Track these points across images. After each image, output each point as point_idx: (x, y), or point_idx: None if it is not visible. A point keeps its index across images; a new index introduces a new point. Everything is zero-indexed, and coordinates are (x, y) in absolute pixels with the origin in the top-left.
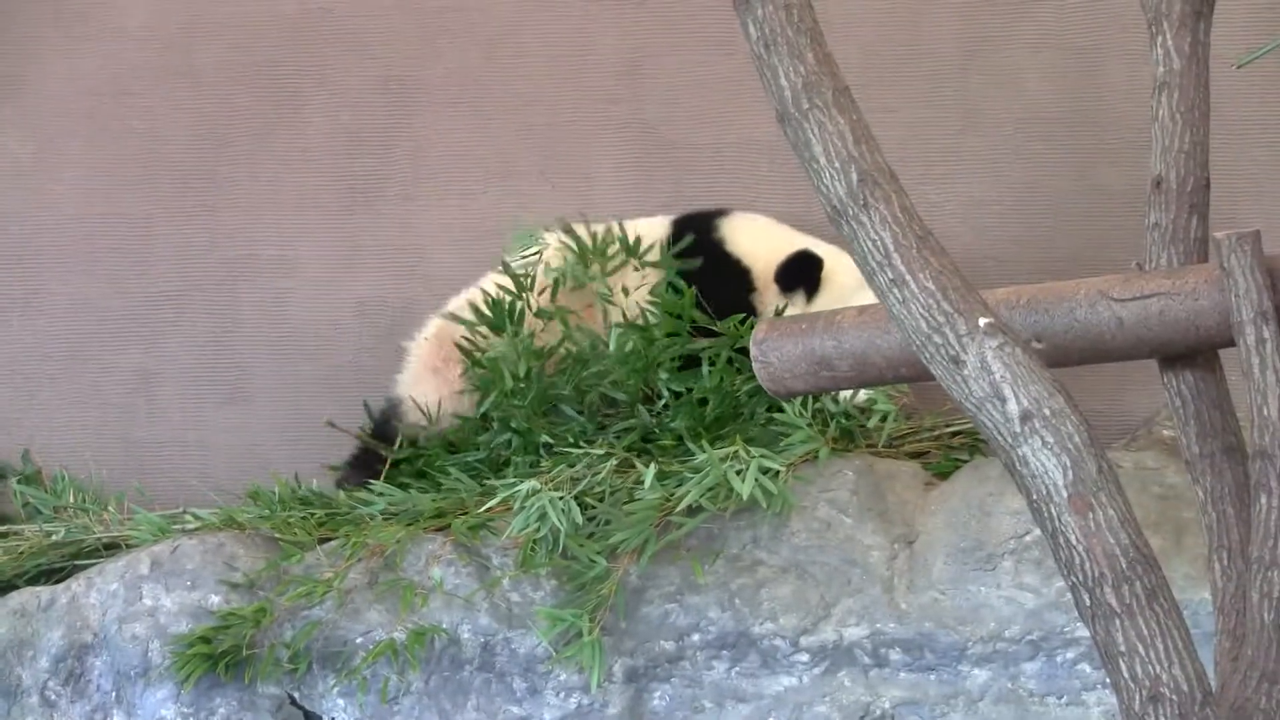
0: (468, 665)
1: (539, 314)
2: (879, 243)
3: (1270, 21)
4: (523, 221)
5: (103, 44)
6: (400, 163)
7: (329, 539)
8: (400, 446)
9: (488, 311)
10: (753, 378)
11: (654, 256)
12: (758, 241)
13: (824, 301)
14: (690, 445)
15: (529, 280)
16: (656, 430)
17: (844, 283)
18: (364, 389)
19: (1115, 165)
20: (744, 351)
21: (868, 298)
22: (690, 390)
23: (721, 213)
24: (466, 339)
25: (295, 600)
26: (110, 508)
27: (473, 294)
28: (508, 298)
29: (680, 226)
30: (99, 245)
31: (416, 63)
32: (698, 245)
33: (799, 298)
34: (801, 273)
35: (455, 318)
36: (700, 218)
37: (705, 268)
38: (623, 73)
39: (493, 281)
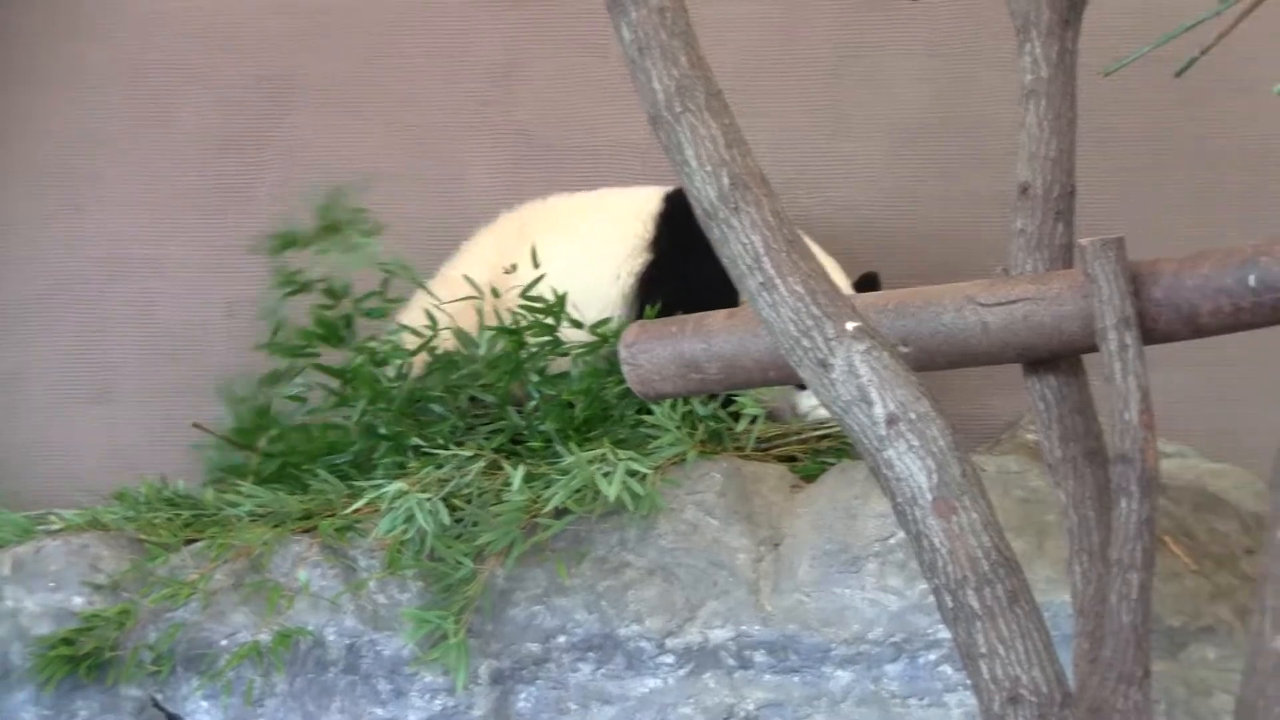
0: (333, 667)
1: (370, 314)
2: (749, 246)
3: (1137, 30)
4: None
5: None
6: (272, 162)
7: (195, 540)
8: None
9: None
10: (622, 380)
11: (643, 232)
12: None
13: None
14: (559, 448)
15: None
16: (525, 432)
17: None
18: None
19: (983, 171)
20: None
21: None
22: (559, 393)
23: None
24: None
25: (160, 602)
26: None
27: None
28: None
29: (675, 202)
30: None
31: (291, 62)
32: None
33: None
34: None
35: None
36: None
37: (704, 245)
38: (498, 75)
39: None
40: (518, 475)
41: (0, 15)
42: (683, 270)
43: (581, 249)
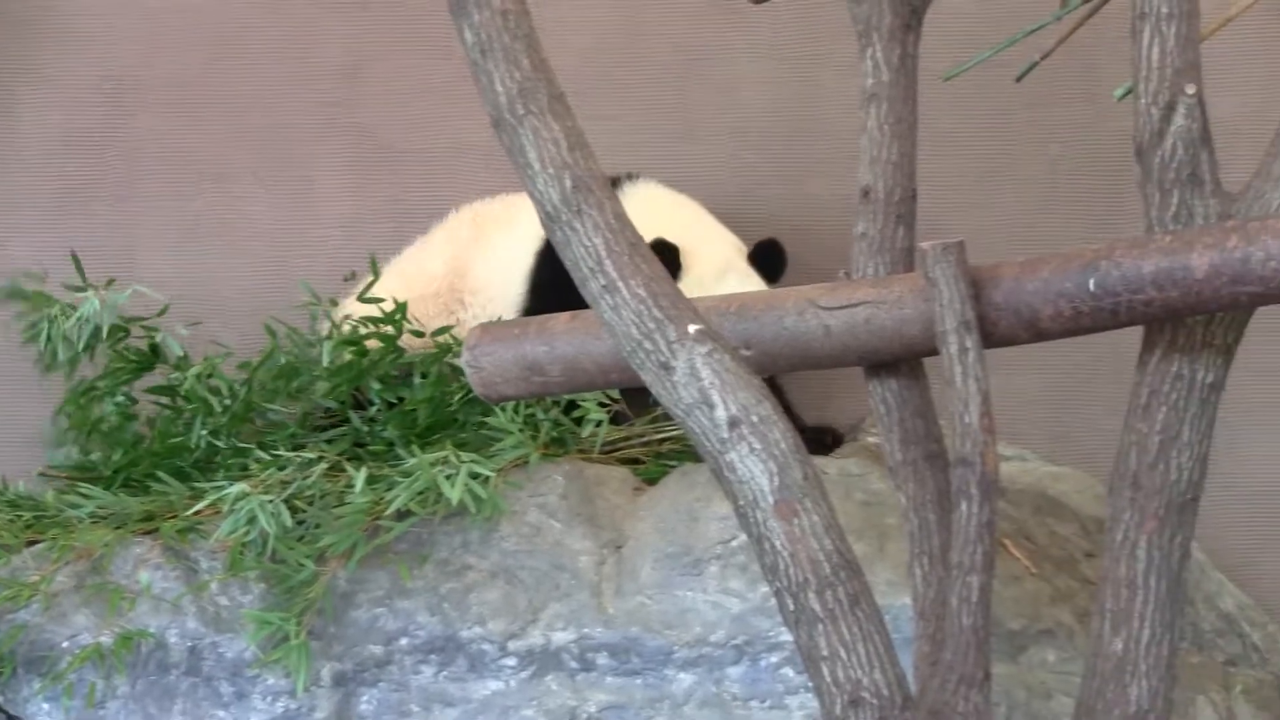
0: (175, 669)
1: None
2: (591, 249)
3: (978, 35)
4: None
5: None
6: (115, 163)
7: (36, 542)
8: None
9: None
10: (468, 386)
11: (534, 234)
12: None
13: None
14: (400, 451)
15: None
16: (368, 436)
17: (702, 272)
18: None
19: (826, 175)
20: None
21: (729, 287)
22: (402, 399)
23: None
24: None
25: (0, 603)
26: None
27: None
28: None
29: None
30: None
31: (134, 62)
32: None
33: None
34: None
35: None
36: None
37: None
38: (342, 76)
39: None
40: (360, 477)
41: None
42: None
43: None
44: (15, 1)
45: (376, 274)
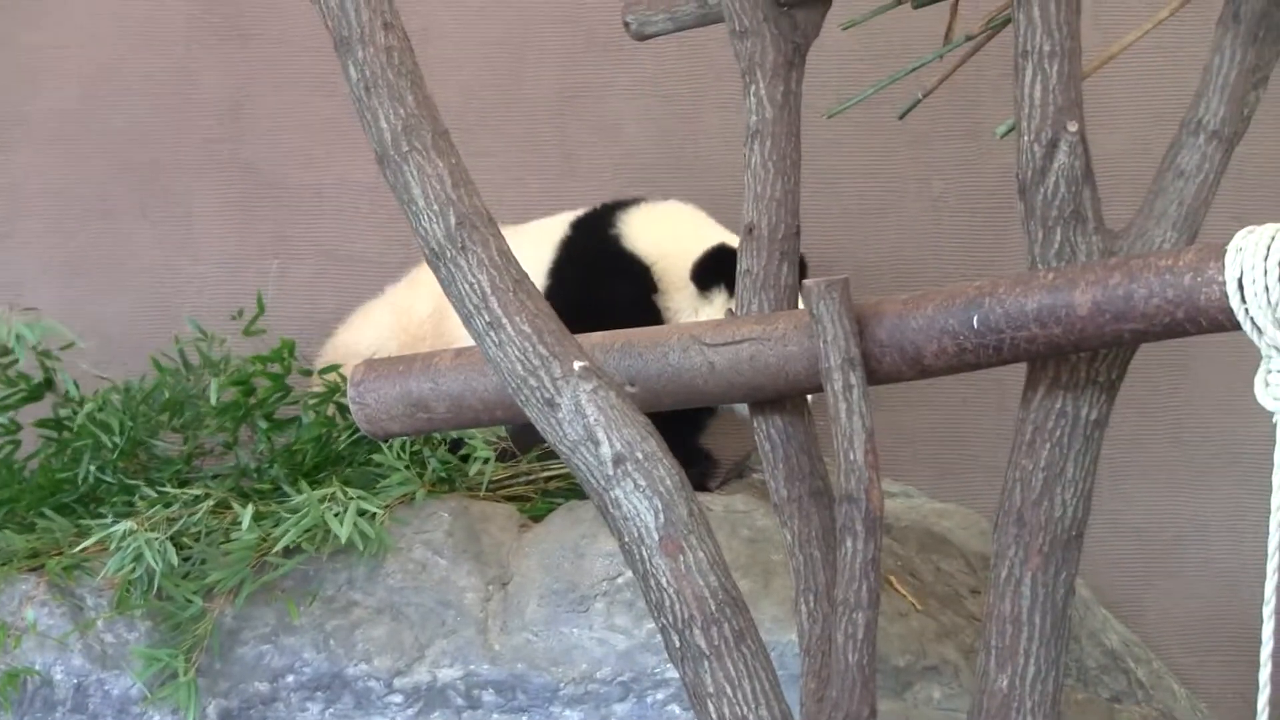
0: (60, 706)
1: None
2: (476, 285)
3: (860, 73)
4: None
5: None
6: None
7: None
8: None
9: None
10: (354, 425)
11: (548, 258)
12: (663, 236)
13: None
14: (287, 489)
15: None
16: (255, 473)
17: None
18: None
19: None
20: None
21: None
22: (289, 441)
23: (627, 204)
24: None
25: None
26: None
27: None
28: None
29: (578, 226)
30: None
31: (14, 98)
32: (591, 245)
33: (718, 296)
34: (718, 269)
35: None
36: (601, 212)
37: (598, 269)
38: (224, 111)
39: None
40: (247, 514)
41: None
42: (576, 295)
43: None
44: None
45: (262, 308)
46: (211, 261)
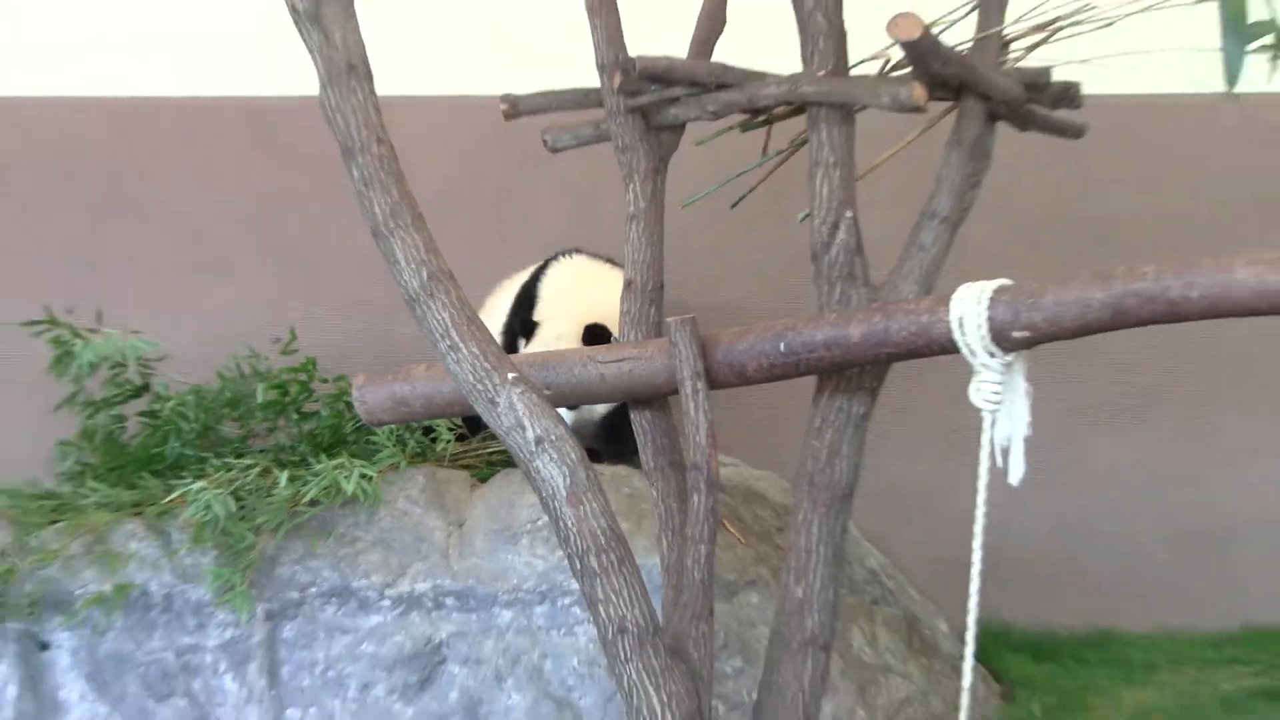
0: (155, 608)
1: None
2: (441, 321)
3: (706, 175)
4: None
5: None
6: (118, 255)
7: (58, 521)
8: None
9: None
10: (357, 415)
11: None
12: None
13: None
14: (311, 460)
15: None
16: (289, 449)
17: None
18: None
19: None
20: None
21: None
22: (312, 427)
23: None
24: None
25: (33, 564)
26: None
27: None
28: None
29: (539, 269)
30: None
31: (113, 191)
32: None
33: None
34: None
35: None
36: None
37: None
38: (265, 197)
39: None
40: (283, 477)
41: None
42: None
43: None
44: None
45: (294, 336)
46: (259, 304)
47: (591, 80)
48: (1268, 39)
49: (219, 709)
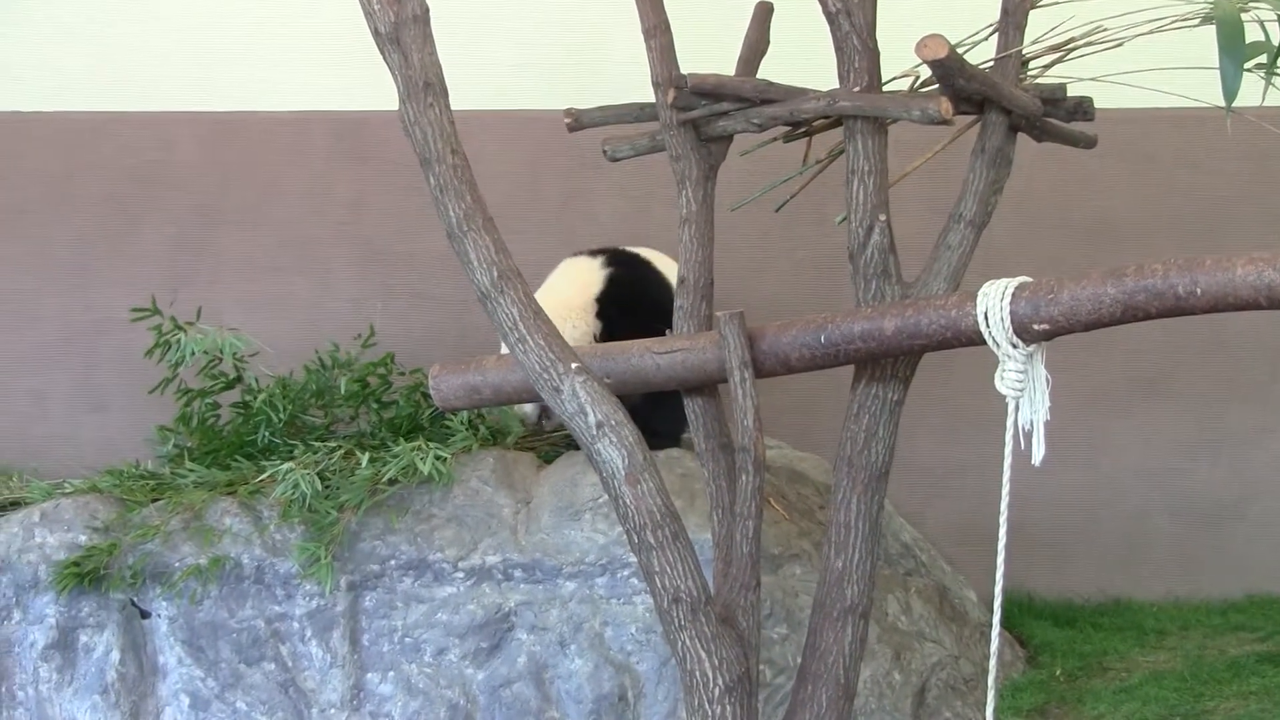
0: (247, 579)
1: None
2: (510, 315)
3: (752, 181)
4: None
5: None
6: (231, 262)
7: (158, 499)
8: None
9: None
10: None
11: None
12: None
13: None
14: (390, 443)
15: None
16: (370, 433)
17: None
18: None
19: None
20: None
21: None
22: (391, 415)
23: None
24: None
25: (135, 539)
26: (14, 479)
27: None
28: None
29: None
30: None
31: (217, 200)
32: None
33: None
34: None
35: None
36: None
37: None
38: (350, 205)
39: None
40: (365, 458)
41: None
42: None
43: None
44: None
45: (373, 332)
46: (344, 301)
47: (647, 96)
48: (1261, 58)
49: (305, 673)
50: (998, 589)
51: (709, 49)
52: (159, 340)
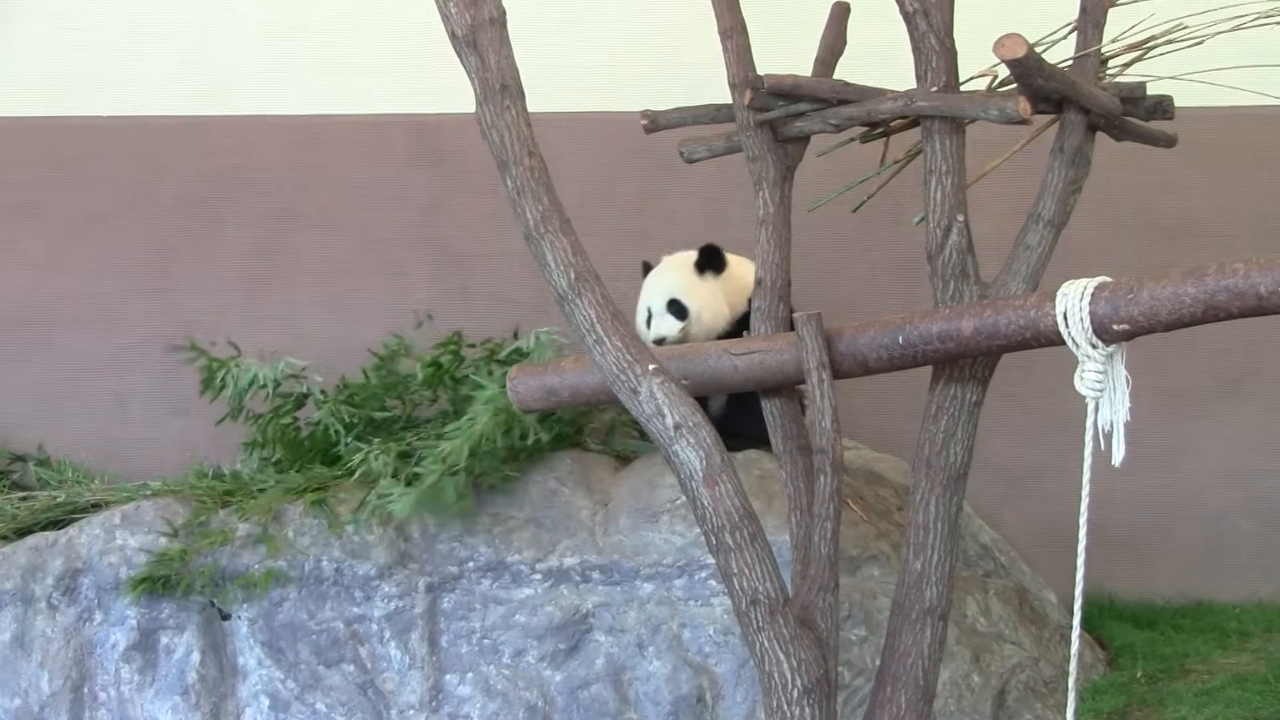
0: (326, 581)
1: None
2: (588, 317)
3: (828, 182)
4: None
5: None
6: (281, 273)
7: (235, 503)
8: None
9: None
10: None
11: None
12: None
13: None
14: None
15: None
16: (454, 411)
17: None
18: None
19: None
20: None
21: None
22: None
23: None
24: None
25: (213, 543)
26: (96, 481)
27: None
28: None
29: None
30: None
31: (293, 203)
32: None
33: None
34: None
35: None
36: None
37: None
38: (427, 206)
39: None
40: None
41: None
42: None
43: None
44: None
45: (431, 317)
46: (422, 302)
47: (724, 97)
48: None
49: (383, 674)
50: (1078, 590)
51: (786, 50)
52: (207, 381)
